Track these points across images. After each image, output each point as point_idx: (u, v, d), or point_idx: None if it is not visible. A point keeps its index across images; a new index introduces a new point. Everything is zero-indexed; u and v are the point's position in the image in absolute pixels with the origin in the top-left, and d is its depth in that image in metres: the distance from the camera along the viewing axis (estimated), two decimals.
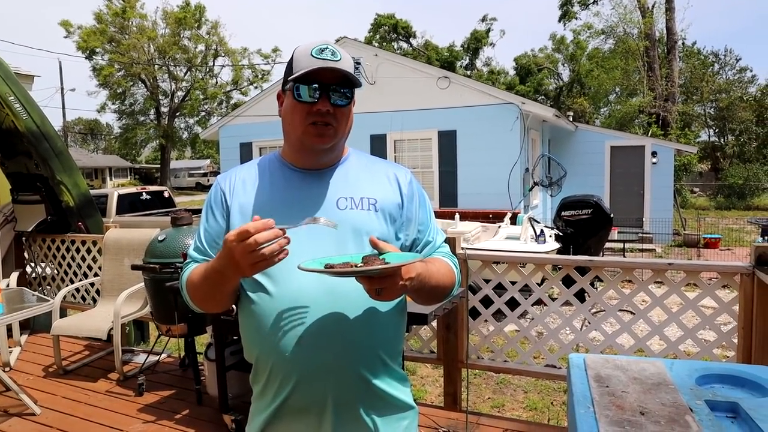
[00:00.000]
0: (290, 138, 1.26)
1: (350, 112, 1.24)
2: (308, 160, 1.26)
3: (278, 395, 1.19)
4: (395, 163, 1.41)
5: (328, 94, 1.17)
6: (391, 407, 1.24)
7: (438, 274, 1.21)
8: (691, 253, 11.41)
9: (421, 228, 1.32)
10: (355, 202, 1.23)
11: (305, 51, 1.18)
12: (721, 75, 32.43)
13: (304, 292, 1.15)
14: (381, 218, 1.24)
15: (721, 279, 2.64)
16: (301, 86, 1.17)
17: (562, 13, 28.67)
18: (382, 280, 1.01)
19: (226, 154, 13.70)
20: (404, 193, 1.30)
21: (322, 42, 1.19)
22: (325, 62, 1.15)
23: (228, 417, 2.93)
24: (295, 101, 1.18)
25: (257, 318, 1.18)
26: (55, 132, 4.75)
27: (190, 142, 40.81)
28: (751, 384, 1.34)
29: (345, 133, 1.25)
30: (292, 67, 1.19)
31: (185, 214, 3.56)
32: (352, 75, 1.18)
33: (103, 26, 32.52)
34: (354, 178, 1.28)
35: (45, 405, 3.38)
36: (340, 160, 1.30)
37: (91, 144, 58.20)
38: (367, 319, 1.17)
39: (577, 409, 1.22)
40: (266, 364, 1.20)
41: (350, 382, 1.18)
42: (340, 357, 1.16)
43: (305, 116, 1.18)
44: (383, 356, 1.22)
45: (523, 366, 3.10)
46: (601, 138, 13.36)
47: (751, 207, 21.13)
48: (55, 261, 4.94)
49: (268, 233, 0.98)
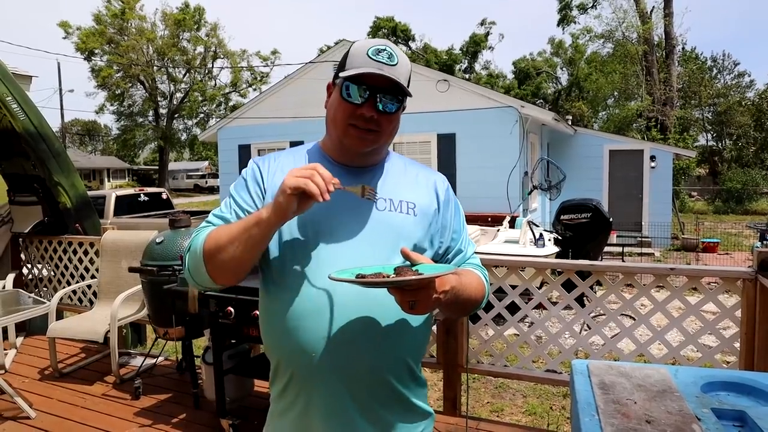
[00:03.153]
0: (331, 133, 1.22)
1: (397, 119, 1.19)
2: (347, 157, 1.23)
3: (300, 396, 1.16)
4: (434, 170, 1.37)
5: (376, 98, 1.12)
6: (411, 414, 1.22)
7: (470, 288, 1.18)
8: (689, 257, 11.41)
9: (454, 236, 1.29)
10: (394, 205, 1.20)
11: (362, 48, 1.13)
12: (719, 79, 32.60)
13: (333, 292, 1.11)
14: (419, 223, 1.21)
15: (724, 284, 2.62)
16: (350, 85, 1.12)
17: (561, 17, 28.73)
18: (416, 292, 0.98)
19: (224, 156, 13.69)
20: (441, 199, 1.27)
21: (382, 42, 1.14)
22: (379, 66, 1.10)
23: (225, 421, 2.90)
24: (341, 98, 1.14)
25: (285, 316, 1.14)
26: (52, 133, 4.72)
27: (188, 143, 40.76)
28: (757, 392, 1.32)
29: (388, 139, 1.21)
30: (346, 62, 1.15)
31: (183, 216, 3.54)
32: (404, 85, 1.13)
33: (102, 27, 32.49)
34: (394, 180, 1.25)
35: (40, 408, 3.34)
36: (381, 161, 1.27)
37: (89, 145, 58.11)
38: (398, 325, 1.14)
39: (581, 417, 1.20)
40: (289, 364, 1.17)
41: (375, 388, 1.15)
42: (367, 362, 1.12)
43: (348, 116, 1.14)
44: (410, 363, 1.20)
45: (523, 371, 3.08)
46: (599, 142, 13.38)
47: (749, 211, 21.18)
48: (51, 263, 4.90)
49: (326, 172, 1.01)
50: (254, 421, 3.10)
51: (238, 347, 3.21)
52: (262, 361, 3.26)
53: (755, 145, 26.55)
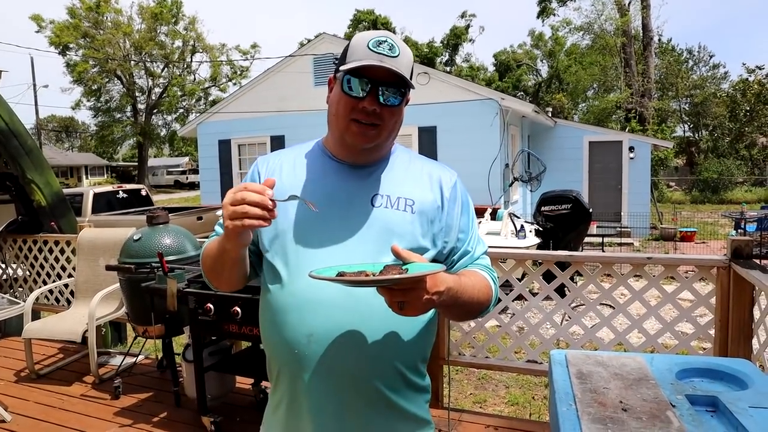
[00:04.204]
0: (333, 129, 1.20)
1: (400, 112, 1.16)
2: (349, 155, 1.20)
3: (288, 392, 1.16)
4: (443, 164, 1.31)
5: (378, 91, 1.10)
6: (404, 421, 1.17)
7: (473, 290, 1.13)
8: (668, 247, 11.61)
9: (461, 236, 1.23)
10: (391, 201, 1.17)
11: (362, 40, 1.11)
12: (695, 71, 33.08)
13: (319, 289, 1.06)
14: (417, 221, 1.16)
15: (699, 272, 2.67)
16: (351, 78, 1.10)
17: (541, 9, 28.88)
18: (405, 293, 0.93)
19: (204, 151, 13.53)
20: (446, 196, 1.22)
21: (383, 34, 1.13)
22: (380, 58, 1.08)
23: (207, 419, 2.88)
24: (342, 92, 1.12)
25: (272, 310, 1.15)
26: (24, 129, 4.61)
27: (168, 139, 40.16)
28: (729, 377, 1.35)
29: (392, 133, 1.18)
30: (346, 55, 1.13)
31: (161, 213, 3.47)
32: (406, 77, 1.11)
33: (76, 21, 31.76)
34: (394, 176, 1.21)
35: (16, 411, 3.28)
36: (384, 157, 1.24)
37: (66, 142, 56.98)
38: (386, 328, 1.10)
39: (559, 406, 1.21)
40: (276, 358, 1.17)
41: (361, 391, 1.11)
42: (351, 364, 1.09)
43: (350, 110, 1.12)
44: (400, 368, 1.14)
45: (505, 362, 3.11)
46: (579, 133, 13.51)
47: (725, 201, 21.60)
48: (27, 262, 4.80)
49: (256, 196, 0.96)
50: (236, 418, 3.08)
51: (218, 344, 3.19)
52: (243, 358, 3.24)
53: (730, 136, 27.04)
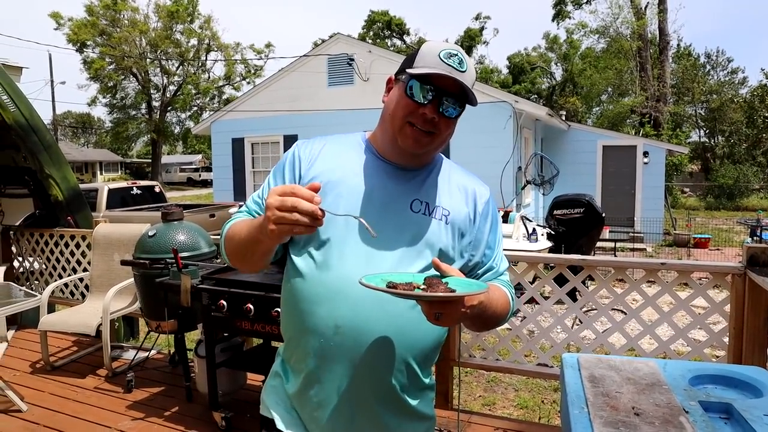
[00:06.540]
0: (386, 129, 1.21)
1: (454, 125, 1.18)
2: (397, 156, 1.21)
3: (304, 378, 1.18)
4: (478, 178, 1.34)
5: (440, 101, 1.12)
6: (410, 416, 1.21)
7: (497, 304, 1.16)
8: (681, 253, 11.49)
9: (487, 252, 1.27)
10: (429, 209, 1.19)
11: (433, 49, 1.13)
12: (712, 76, 32.70)
13: (349, 282, 1.09)
14: (450, 231, 1.19)
15: (713, 279, 2.64)
16: (416, 83, 1.12)
17: (556, 12, 28.73)
18: (444, 305, 0.97)
19: (218, 149, 13.62)
20: (479, 211, 1.25)
21: (454, 47, 1.14)
22: (450, 70, 1.10)
23: (218, 414, 2.91)
24: (404, 94, 1.14)
25: (299, 299, 1.16)
26: (43, 125, 4.68)
27: (181, 136, 40.52)
28: (743, 385, 1.34)
29: (442, 144, 1.20)
30: (414, 60, 1.14)
31: (176, 209, 3.51)
32: (471, 92, 1.13)
33: (94, 19, 32.15)
34: (434, 184, 1.24)
35: (32, 402, 3.33)
36: (427, 164, 1.26)
37: (81, 138, 57.64)
38: (408, 326, 1.14)
39: (571, 409, 1.21)
40: (300, 347, 1.18)
41: (375, 383, 1.15)
42: (371, 357, 1.12)
43: (408, 114, 1.13)
44: (414, 366, 1.18)
45: (515, 364, 3.10)
46: (593, 137, 13.42)
47: (740, 207, 21.33)
48: (43, 256, 4.87)
49: (308, 205, 0.93)
50: (246, 414, 3.10)
51: (230, 340, 3.22)
52: (254, 355, 3.27)
53: (747, 142, 26.69)
